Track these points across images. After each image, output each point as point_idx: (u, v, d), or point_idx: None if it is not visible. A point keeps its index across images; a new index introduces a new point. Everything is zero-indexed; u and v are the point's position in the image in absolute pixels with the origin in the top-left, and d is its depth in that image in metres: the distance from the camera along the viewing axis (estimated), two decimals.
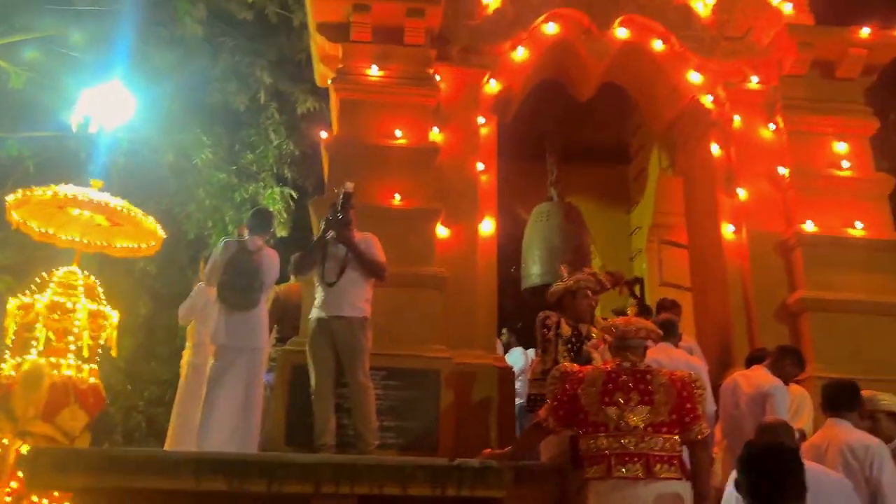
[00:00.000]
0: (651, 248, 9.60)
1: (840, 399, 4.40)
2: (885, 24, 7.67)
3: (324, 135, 7.22)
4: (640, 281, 8.57)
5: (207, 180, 10.32)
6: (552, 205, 8.98)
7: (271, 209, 10.57)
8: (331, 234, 5.52)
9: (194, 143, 9.86)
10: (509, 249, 10.12)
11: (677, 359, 5.58)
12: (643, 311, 7.76)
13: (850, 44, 7.49)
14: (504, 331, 8.46)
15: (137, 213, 7.21)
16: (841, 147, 7.38)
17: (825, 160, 7.35)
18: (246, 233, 6.12)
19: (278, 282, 6.45)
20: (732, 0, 8.00)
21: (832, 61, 7.58)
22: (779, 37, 7.57)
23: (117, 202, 7.04)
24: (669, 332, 5.88)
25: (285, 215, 10.92)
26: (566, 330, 5.29)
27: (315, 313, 5.53)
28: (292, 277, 6.78)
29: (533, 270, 8.69)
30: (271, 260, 5.97)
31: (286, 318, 6.76)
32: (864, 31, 7.47)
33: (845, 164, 7.32)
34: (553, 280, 6.24)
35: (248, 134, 11.01)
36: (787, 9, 8.02)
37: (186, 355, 6.69)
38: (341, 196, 5.52)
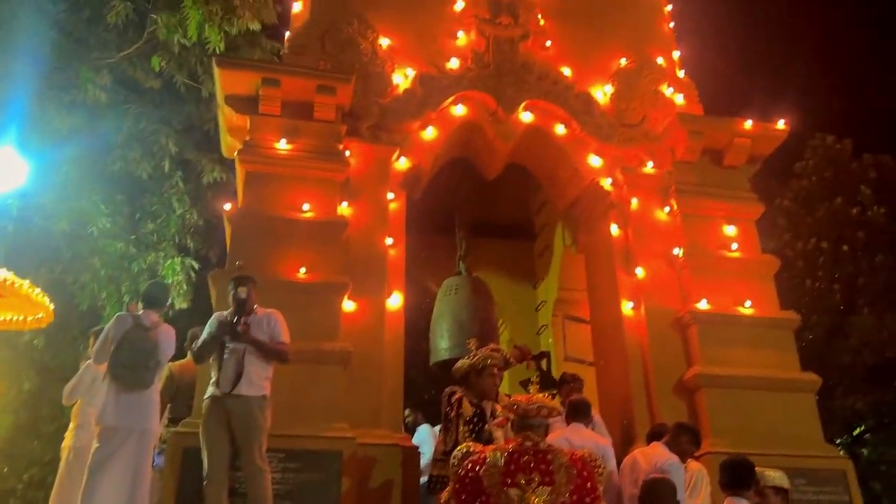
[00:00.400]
0: (556, 322, 9.78)
1: (737, 477, 4.55)
2: (766, 116, 8.31)
3: (227, 207, 7.08)
4: (546, 355, 8.69)
5: (104, 249, 9.89)
6: (461, 279, 9.06)
7: (168, 281, 10.23)
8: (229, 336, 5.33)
9: (92, 211, 9.48)
10: (419, 323, 10.13)
11: (587, 438, 5.63)
12: (548, 385, 7.85)
13: (736, 134, 8.04)
14: (407, 411, 8.33)
15: (23, 284, 6.81)
16: (730, 230, 7.82)
17: (716, 242, 7.76)
18: (139, 307, 5.85)
19: (174, 357, 6.18)
20: (629, 90, 8.50)
21: (720, 149, 8.10)
22: (671, 125, 8.06)
23: (1, 273, 6.64)
24: (582, 413, 5.97)
25: (186, 286, 10.56)
26: (468, 409, 5.27)
27: (211, 391, 5.30)
28: (188, 354, 6.50)
29: (441, 345, 8.67)
30: (168, 337, 5.71)
31: (180, 396, 6.43)
32: (748, 123, 8.05)
33: (734, 245, 7.74)
34: (461, 354, 6.24)
35: (150, 202, 10.69)
36: (679, 99, 8.59)
37: (68, 438, 6.25)
38: (234, 302, 5.35)
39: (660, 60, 8.80)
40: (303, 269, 6.58)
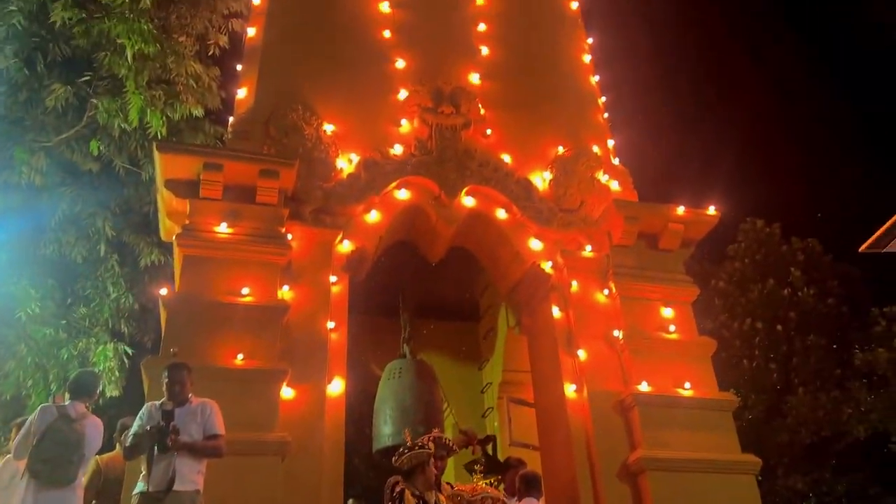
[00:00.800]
0: (501, 405, 9.70)
1: None
2: (698, 202, 8.66)
3: (164, 291, 6.91)
4: (492, 439, 8.56)
5: (31, 336, 9.44)
6: (404, 362, 8.95)
7: (99, 369, 9.81)
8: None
9: (21, 296, 9.10)
10: (363, 408, 9.90)
11: None
12: (494, 470, 7.72)
13: (669, 219, 8.33)
14: (351, 501, 8.05)
15: None
16: (668, 312, 8.00)
17: (654, 324, 7.91)
18: (66, 397, 5.57)
19: (104, 449, 5.87)
20: (567, 176, 8.77)
21: (655, 234, 8.36)
22: (608, 211, 8.31)
23: None
24: (535, 487, 5.95)
25: (118, 373, 10.14)
26: (410, 501, 5.11)
27: (141, 487, 5.01)
28: (117, 445, 6.18)
29: (385, 430, 8.46)
30: (95, 429, 5.42)
31: (107, 491, 6.05)
32: (681, 209, 8.36)
33: (672, 327, 7.90)
34: (405, 441, 6.09)
35: (83, 286, 10.34)
36: (615, 186, 8.89)
37: None
38: (161, 415, 5.11)
39: (595, 149, 9.14)
40: (240, 356, 6.41)
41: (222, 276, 6.84)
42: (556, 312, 8.03)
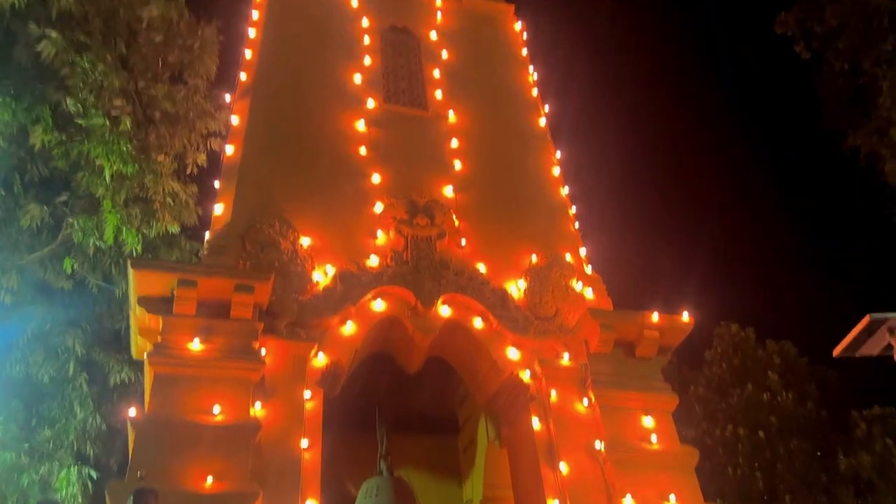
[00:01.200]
0: None
1: None
2: (672, 308, 8.72)
3: (132, 412, 6.69)
4: None
5: None
6: (381, 480, 8.66)
7: (60, 494, 9.36)
8: None
9: None
10: None
11: None
12: None
13: (645, 326, 8.35)
14: None
15: None
16: (648, 421, 7.88)
17: (636, 434, 7.77)
18: None
19: None
20: (542, 284, 8.85)
21: (632, 341, 8.36)
22: (583, 319, 8.33)
23: None
24: None
25: (81, 499, 9.64)
26: None
27: None
28: None
29: None
30: None
31: None
32: (655, 316, 8.40)
33: (654, 437, 7.77)
34: None
35: (48, 407, 10.02)
36: (589, 294, 8.97)
37: None
38: None
39: (568, 257, 9.28)
40: (210, 479, 6.14)
41: (193, 394, 6.66)
42: (535, 424, 7.88)
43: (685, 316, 8.52)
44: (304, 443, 6.94)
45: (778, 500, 15.95)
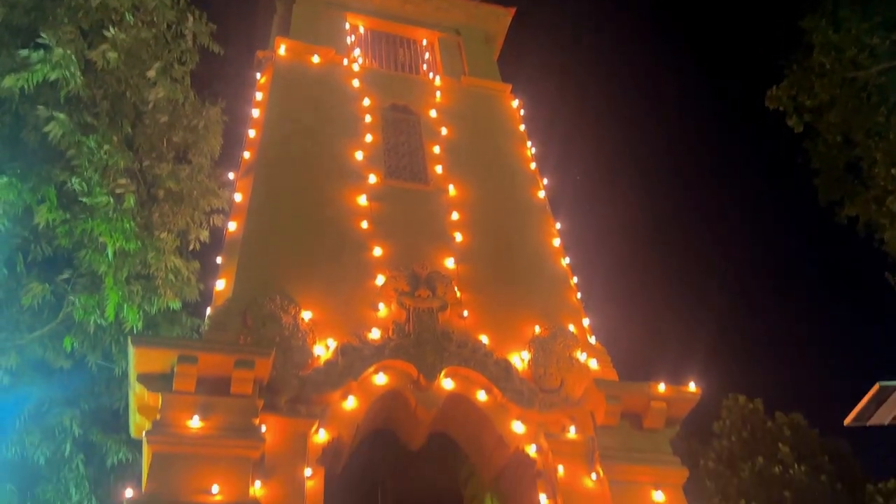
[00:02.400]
0: None
1: None
2: (678, 379, 8.59)
3: (129, 492, 6.53)
4: None
5: None
6: None
7: None
8: None
9: None
10: None
11: None
12: None
13: (652, 397, 8.22)
14: None
15: None
16: (659, 496, 7.65)
17: None
18: None
19: None
20: (546, 356, 8.76)
21: (639, 413, 8.21)
22: (589, 390, 8.21)
23: None
24: None
25: None
26: None
27: None
28: None
29: None
30: None
31: None
32: (661, 387, 8.28)
33: None
34: None
35: (43, 490, 9.75)
36: (594, 364, 8.87)
37: None
38: None
39: (571, 328, 9.22)
40: None
41: (192, 473, 6.50)
42: (543, 501, 7.66)
43: (692, 386, 8.40)
44: None
45: None
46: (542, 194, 11.25)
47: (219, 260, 9.12)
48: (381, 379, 8.15)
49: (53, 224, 8.79)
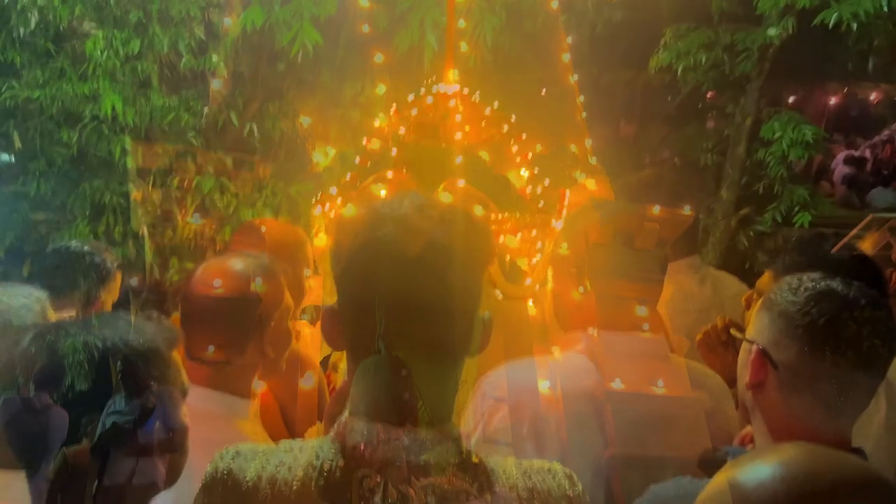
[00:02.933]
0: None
1: None
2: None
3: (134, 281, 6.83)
4: None
5: None
6: (379, 359, 8.89)
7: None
8: None
9: None
10: None
11: None
12: None
13: (645, 218, 8.32)
14: None
15: None
16: (642, 311, 7.91)
17: (629, 322, 7.89)
18: (32, 389, 5.44)
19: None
20: (544, 174, 8.75)
21: (631, 233, 8.32)
22: (584, 209, 8.27)
23: None
24: None
25: None
26: None
27: None
28: (84, 439, 6.07)
29: None
30: (60, 420, 5.32)
31: (73, 487, 5.96)
32: (656, 208, 8.34)
33: (645, 326, 7.90)
34: None
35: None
36: (591, 185, 8.89)
37: None
38: None
39: (573, 147, 9.14)
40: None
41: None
42: (531, 309, 8.02)
43: (686, 209, 8.50)
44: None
45: None
46: (555, 4, 10.69)
47: (214, 58, 8.86)
48: (379, 189, 8.21)
49: None
